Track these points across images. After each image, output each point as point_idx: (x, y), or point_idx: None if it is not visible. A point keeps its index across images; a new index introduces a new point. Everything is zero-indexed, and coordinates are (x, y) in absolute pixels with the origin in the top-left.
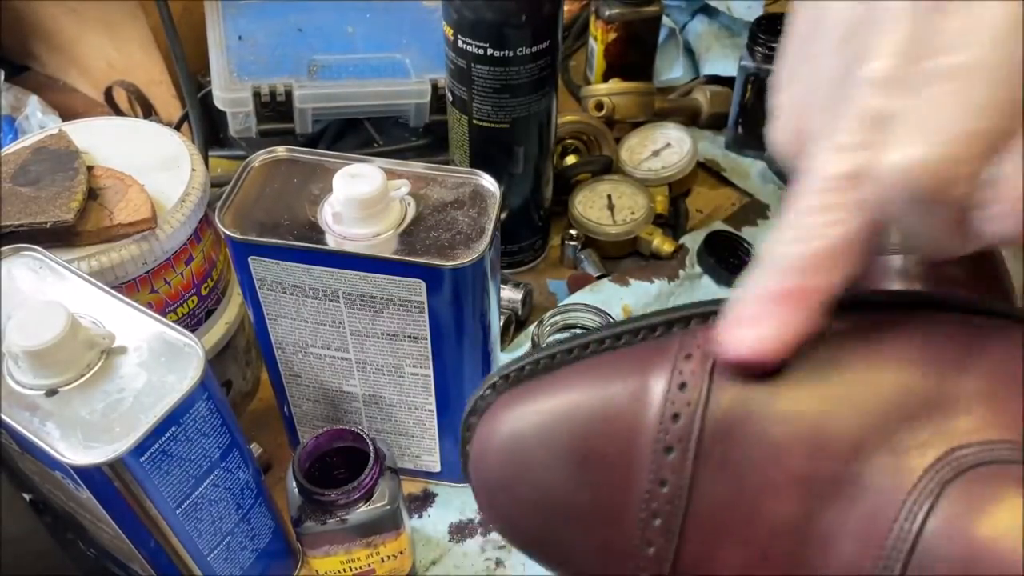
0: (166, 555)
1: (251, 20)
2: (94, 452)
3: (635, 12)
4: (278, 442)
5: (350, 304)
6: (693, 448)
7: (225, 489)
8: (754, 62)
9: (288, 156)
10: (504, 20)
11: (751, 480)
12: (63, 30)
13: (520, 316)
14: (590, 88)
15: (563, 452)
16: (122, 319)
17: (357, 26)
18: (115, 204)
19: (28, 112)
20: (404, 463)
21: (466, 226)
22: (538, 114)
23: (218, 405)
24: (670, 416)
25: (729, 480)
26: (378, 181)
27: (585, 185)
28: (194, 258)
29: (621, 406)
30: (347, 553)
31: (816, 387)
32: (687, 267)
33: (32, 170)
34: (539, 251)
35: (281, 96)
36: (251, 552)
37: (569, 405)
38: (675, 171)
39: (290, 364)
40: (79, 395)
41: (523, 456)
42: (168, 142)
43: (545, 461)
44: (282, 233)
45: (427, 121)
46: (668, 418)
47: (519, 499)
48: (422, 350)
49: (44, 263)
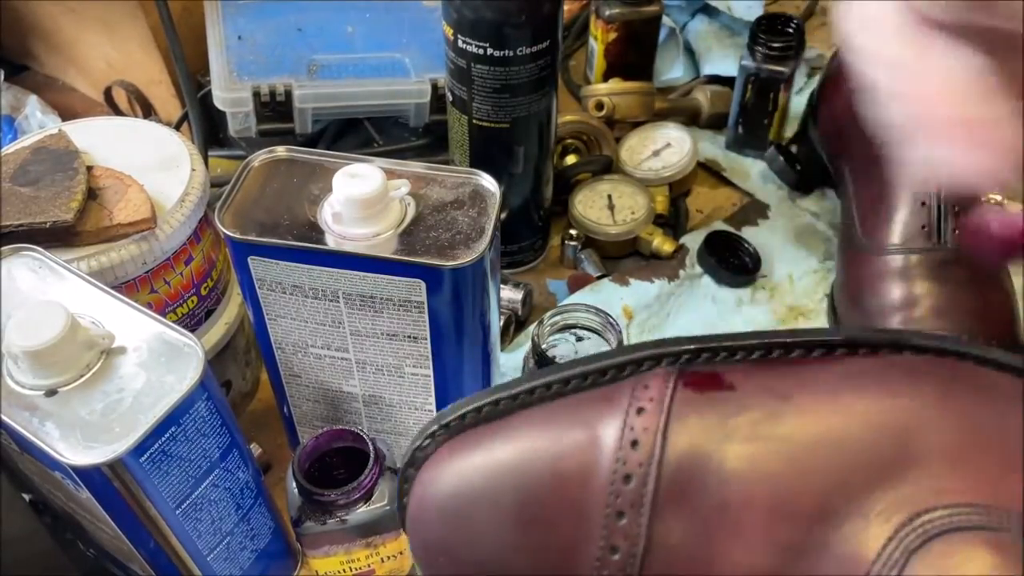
0: (166, 555)
1: (251, 20)
2: (94, 452)
3: (635, 12)
4: (278, 442)
5: (350, 304)
6: (647, 512)
7: (225, 489)
8: (754, 62)
9: (288, 156)
10: (504, 20)
11: (708, 542)
12: (62, 30)
13: (520, 316)
14: (590, 88)
15: (508, 514)
16: (122, 319)
17: (357, 26)
18: (115, 204)
19: (28, 112)
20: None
21: (466, 226)
22: (538, 114)
23: (218, 405)
24: (621, 477)
25: (686, 542)
26: (378, 181)
27: (585, 185)
28: (194, 258)
29: (569, 465)
30: (347, 553)
31: (776, 442)
32: (687, 267)
33: (32, 170)
34: (539, 251)
35: (281, 96)
36: (251, 552)
37: (514, 461)
38: (675, 171)
39: (290, 364)
40: (79, 395)
41: (465, 517)
42: (168, 142)
43: (488, 523)
44: (282, 233)
45: (427, 121)
46: (619, 479)
47: (460, 561)
48: (422, 350)
49: (44, 263)
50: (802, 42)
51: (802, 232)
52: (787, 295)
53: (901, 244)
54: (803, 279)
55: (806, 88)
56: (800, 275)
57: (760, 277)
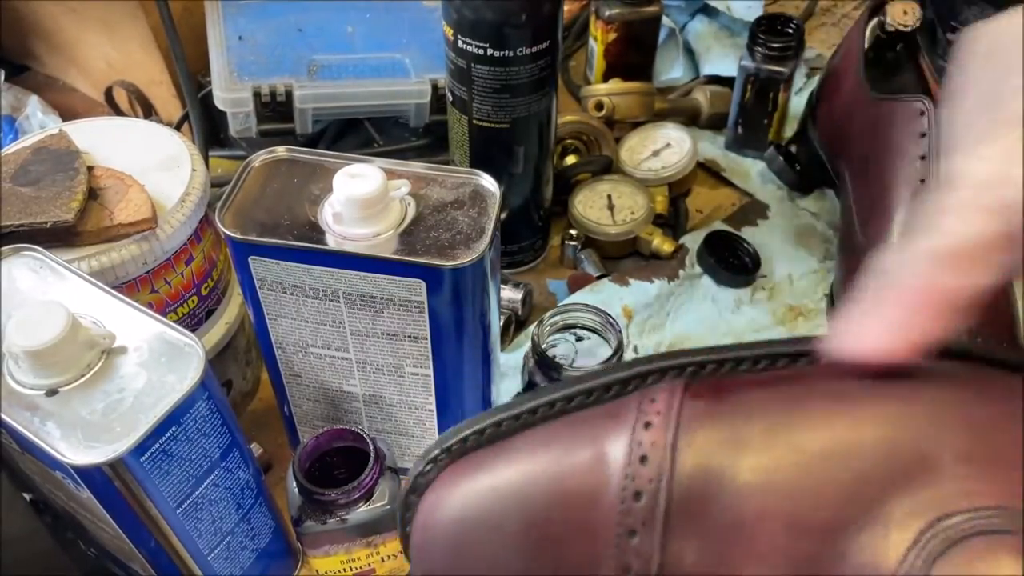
0: (166, 555)
1: (251, 20)
2: (94, 452)
3: (635, 12)
4: (278, 442)
5: (350, 304)
6: (660, 528)
7: (225, 489)
8: (754, 62)
9: (288, 156)
10: (504, 20)
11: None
12: (63, 30)
13: (520, 316)
14: (590, 88)
15: (514, 538)
16: (122, 319)
17: (357, 26)
18: (115, 204)
19: (28, 112)
20: (404, 463)
21: (466, 226)
22: (538, 114)
23: (218, 405)
24: (632, 495)
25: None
26: (378, 181)
27: (585, 185)
28: (194, 258)
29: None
30: (347, 553)
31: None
32: (687, 267)
33: (32, 170)
34: (539, 251)
35: (281, 96)
36: (251, 552)
37: (518, 484)
38: (675, 171)
39: (290, 364)
40: (79, 395)
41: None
42: (168, 142)
43: (494, 549)
44: (282, 233)
45: (427, 121)
46: (630, 497)
47: None
48: (422, 350)
49: (44, 263)
50: (801, 42)
51: (802, 232)
52: (787, 295)
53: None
54: (803, 279)
55: (806, 88)
56: (800, 275)
57: (760, 277)
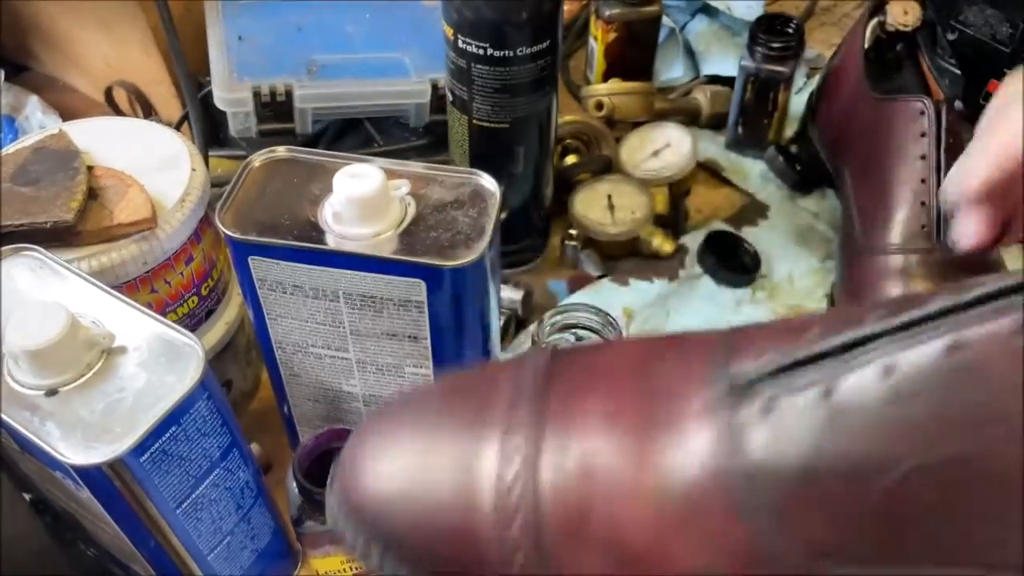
0: (166, 555)
1: (251, 20)
2: (94, 452)
3: (635, 12)
4: (278, 442)
5: (350, 304)
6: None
7: (225, 489)
8: (754, 62)
9: (288, 156)
10: (504, 20)
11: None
12: (62, 30)
13: (520, 316)
14: (590, 88)
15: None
16: (122, 319)
17: (357, 26)
18: (115, 204)
19: (28, 112)
20: None
21: (466, 226)
22: (538, 114)
23: (218, 405)
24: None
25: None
26: (378, 181)
27: (585, 185)
28: (194, 258)
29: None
30: (347, 553)
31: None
32: (687, 267)
33: (32, 170)
34: (539, 251)
35: (281, 96)
36: (251, 552)
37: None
38: (675, 171)
39: (290, 364)
40: (79, 395)
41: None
42: (168, 142)
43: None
44: (282, 233)
45: (427, 121)
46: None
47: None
48: (422, 350)
49: (44, 263)
50: (802, 42)
51: (802, 232)
52: (787, 295)
53: (901, 244)
54: (803, 279)
55: (806, 88)
56: (800, 275)
57: (760, 277)
